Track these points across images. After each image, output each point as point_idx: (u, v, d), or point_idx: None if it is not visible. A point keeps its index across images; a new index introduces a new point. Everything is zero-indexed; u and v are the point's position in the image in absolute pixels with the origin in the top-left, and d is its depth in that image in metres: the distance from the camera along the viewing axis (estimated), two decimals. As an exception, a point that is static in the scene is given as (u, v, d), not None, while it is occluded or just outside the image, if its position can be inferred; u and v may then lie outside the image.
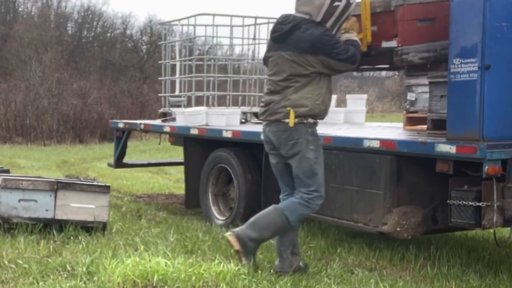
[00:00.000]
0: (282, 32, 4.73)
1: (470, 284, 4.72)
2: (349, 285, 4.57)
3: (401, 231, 5.01)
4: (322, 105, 4.73)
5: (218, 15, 8.44)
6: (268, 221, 4.77)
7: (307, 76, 4.66)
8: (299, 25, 4.66)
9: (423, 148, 4.82)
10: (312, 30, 4.63)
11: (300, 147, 4.69)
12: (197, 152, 7.59)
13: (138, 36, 40.15)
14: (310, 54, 4.61)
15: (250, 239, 4.74)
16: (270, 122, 4.80)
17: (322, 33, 4.64)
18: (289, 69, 4.68)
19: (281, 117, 4.71)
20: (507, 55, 4.60)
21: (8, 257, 5.02)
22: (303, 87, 4.66)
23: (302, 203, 4.73)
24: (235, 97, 9.13)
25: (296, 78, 4.67)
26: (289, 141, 4.70)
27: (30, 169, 13.76)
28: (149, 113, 25.27)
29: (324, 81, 4.74)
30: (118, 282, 4.25)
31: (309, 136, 4.72)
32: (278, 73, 4.76)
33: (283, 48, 4.71)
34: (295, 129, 4.68)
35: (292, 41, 4.66)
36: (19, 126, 24.77)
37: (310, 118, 4.70)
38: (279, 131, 4.74)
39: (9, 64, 30.38)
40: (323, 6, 4.65)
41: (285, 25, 4.72)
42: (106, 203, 6.22)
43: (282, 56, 4.72)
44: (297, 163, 4.71)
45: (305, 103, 4.66)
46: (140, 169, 13.04)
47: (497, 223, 4.53)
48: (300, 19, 4.69)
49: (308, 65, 4.63)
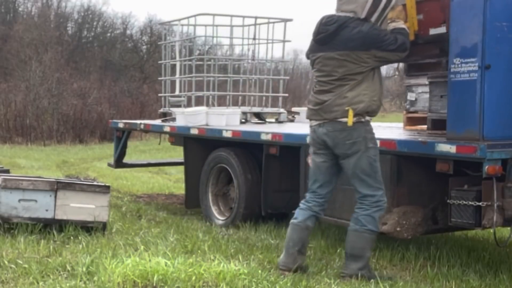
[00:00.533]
0: (327, 33, 4.71)
1: (470, 284, 4.71)
2: (349, 285, 4.57)
3: (401, 231, 5.01)
4: (378, 101, 4.75)
5: (218, 15, 8.44)
6: (361, 244, 4.74)
7: (361, 73, 4.65)
8: (346, 24, 4.65)
9: (423, 148, 4.82)
10: (359, 28, 4.62)
11: (359, 146, 4.66)
12: (197, 152, 7.58)
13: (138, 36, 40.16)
14: (362, 51, 4.61)
15: (361, 268, 4.73)
16: (324, 123, 4.75)
17: (370, 28, 4.64)
18: (342, 68, 4.66)
19: (338, 115, 4.66)
20: (507, 54, 4.60)
21: (8, 257, 5.01)
22: (358, 84, 4.65)
23: (374, 210, 4.70)
24: (235, 97, 9.13)
25: (350, 76, 4.65)
26: (347, 140, 4.66)
27: (30, 169, 13.76)
28: (149, 113, 25.29)
29: (377, 76, 4.75)
30: (118, 282, 4.25)
31: (368, 134, 4.71)
32: (329, 74, 4.72)
33: (331, 49, 4.69)
34: (354, 128, 4.65)
35: (341, 41, 4.65)
36: (19, 126, 24.78)
37: (367, 115, 4.70)
38: (335, 130, 4.69)
39: (9, 64, 30.38)
40: (367, 3, 4.65)
41: (330, 25, 4.70)
42: (106, 203, 6.22)
43: (331, 57, 4.70)
44: (356, 162, 4.67)
45: (363, 99, 4.64)
46: (140, 169, 13.05)
47: (497, 223, 4.53)
48: (345, 18, 4.68)
49: (361, 62, 4.63)
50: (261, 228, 6.56)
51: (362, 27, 4.63)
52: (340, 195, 5.48)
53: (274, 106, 9.27)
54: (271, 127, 7.57)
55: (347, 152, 4.68)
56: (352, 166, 4.70)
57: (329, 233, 6.41)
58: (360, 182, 4.71)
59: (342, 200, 5.45)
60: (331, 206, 5.57)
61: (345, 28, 4.64)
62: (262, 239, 6.11)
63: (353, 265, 4.75)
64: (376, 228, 4.73)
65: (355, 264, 4.74)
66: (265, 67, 9.10)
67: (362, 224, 4.71)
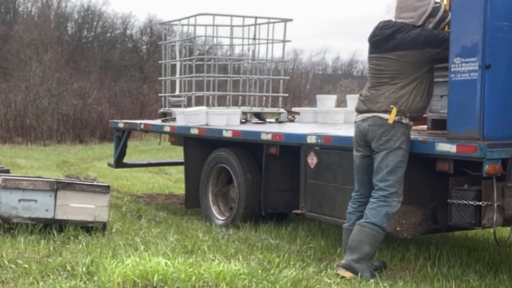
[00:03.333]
0: (383, 36, 4.90)
1: (470, 284, 4.71)
2: (349, 285, 4.56)
3: (401, 230, 5.01)
4: (423, 105, 4.89)
5: (218, 15, 8.44)
6: (360, 237, 4.81)
7: (413, 74, 4.80)
8: (402, 29, 4.83)
9: (423, 147, 4.82)
10: (413, 30, 4.80)
11: (393, 144, 4.77)
12: (197, 152, 7.58)
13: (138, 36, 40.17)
14: (416, 50, 4.76)
15: (355, 261, 4.78)
16: (367, 118, 4.88)
17: (422, 29, 4.82)
18: (395, 68, 4.82)
19: (382, 107, 4.81)
20: (508, 54, 4.59)
21: (8, 257, 5.01)
22: (408, 85, 4.80)
23: (381, 204, 4.77)
24: (235, 97, 9.13)
25: (401, 75, 4.80)
26: (383, 136, 4.79)
27: (30, 169, 13.76)
28: (149, 113, 25.28)
29: (428, 80, 4.89)
30: (118, 282, 4.25)
31: (404, 136, 4.81)
32: (381, 73, 4.88)
33: (385, 50, 4.86)
34: (393, 126, 4.77)
35: (395, 43, 4.81)
36: (19, 126, 24.77)
37: (409, 117, 4.81)
38: (375, 125, 4.83)
39: (9, 64, 30.38)
40: (425, 13, 4.86)
41: (387, 29, 4.90)
42: (106, 203, 6.21)
43: (385, 57, 4.85)
44: (384, 156, 4.78)
45: (409, 100, 4.79)
46: (140, 169, 13.05)
47: (497, 223, 4.53)
48: (402, 24, 4.88)
49: (416, 62, 4.78)
50: (261, 228, 6.55)
51: (416, 30, 4.82)
52: (340, 194, 5.48)
53: (274, 106, 9.27)
54: (271, 127, 7.57)
55: (380, 147, 4.81)
56: (379, 160, 4.80)
57: (329, 233, 6.41)
58: (379, 177, 4.79)
59: (342, 200, 5.45)
60: (331, 206, 5.58)
61: (400, 32, 4.83)
62: (262, 239, 6.11)
63: (348, 256, 4.82)
64: (381, 223, 4.75)
65: (350, 256, 4.81)
66: (265, 67, 9.09)
67: (367, 217, 4.79)
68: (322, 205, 5.72)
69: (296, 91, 37.27)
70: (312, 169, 5.79)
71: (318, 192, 5.75)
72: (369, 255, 4.82)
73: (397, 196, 4.78)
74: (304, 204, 5.89)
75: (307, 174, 5.84)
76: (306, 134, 5.89)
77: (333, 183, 5.53)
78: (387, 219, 4.79)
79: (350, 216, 5.06)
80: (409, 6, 4.91)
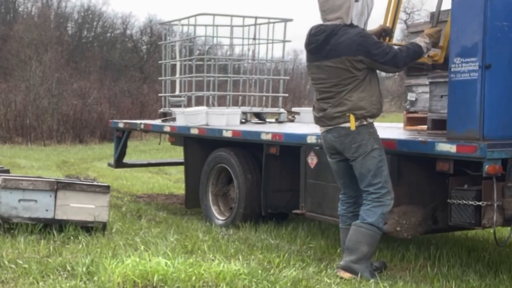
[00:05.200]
0: (317, 43, 4.78)
1: (470, 284, 4.71)
2: (349, 285, 4.56)
3: (401, 230, 5.01)
4: (378, 104, 4.79)
5: (218, 15, 8.44)
6: (356, 237, 4.78)
7: (356, 78, 4.68)
8: (334, 32, 4.70)
9: (423, 148, 4.82)
10: (348, 33, 4.66)
11: (364, 148, 4.72)
12: (197, 152, 7.58)
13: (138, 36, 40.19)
14: (350, 56, 4.63)
15: (353, 261, 4.76)
16: (330, 129, 4.82)
17: (357, 33, 4.66)
18: (336, 75, 4.71)
19: (340, 121, 4.74)
20: (508, 54, 4.59)
21: (8, 257, 5.01)
22: (355, 89, 4.69)
23: (375, 205, 4.74)
24: (235, 97, 9.13)
25: (345, 82, 4.69)
26: (352, 144, 4.73)
27: (30, 169, 13.76)
28: (149, 113, 25.29)
29: (374, 79, 4.79)
30: (118, 282, 4.25)
31: (372, 136, 4.76)
32: (325, 81, 4.78)
33: (323, 58, 4.75)
34: (357, 132, 4.71)
35: (331, 49, 4.70)
36: (19, 126, 24.78)
37: (369, 118, 4.75)
38: (340, 136, 4.77)
39: (9, 64, 30.40)
40: (350, 8, 4.74)
41: (319, 35, 4.76)
42: (106, 203, 6.21)
43: (325, 66, 4.75)
44: (361, 162, 4.74)
45: (363, 105, 4.70)
46: (140, 169, 13.05)
47: (497, 223, 4.53)
48: (332, 26, 4.73)
49: (353, 68, 4.66)
50: (261, 228, 6.55)
51: (350, 31, 4.67)
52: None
53: (274, 106, 9.27)
54: (271, 127, 7.57)
55: (354, 155, 4.75)
56: (359, 167, 4.76)
57: (329, 233, 6.41)
58: (366, 182, 4.75)
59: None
60: (331, 206, 5.57)
61: (333, 36, 4.69)
62: (262, 239, 6.11)
63: (346, 257, 4.81)
64: (377, 223, 4.72)
65: (348, 257, 4.79)
66: (265, 67, 9.10)
67: (362, 218, 4.77)
68: (322, 205, 5.72)
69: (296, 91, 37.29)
70: (312, 169, 5.79)
71: (318, 192, 5.75)
72: (367, 255, 4.81)
73: (389, 194, 4.76)
74: (304, 204, 5.89)
75: (307, 174, 5.84)
76: (306, 134, 5.89)
77: (333, 183, 5.52)
78: (383, 218, 4.78)
79: (342, 217, 5.06)
80: (331, 6, 4.74)
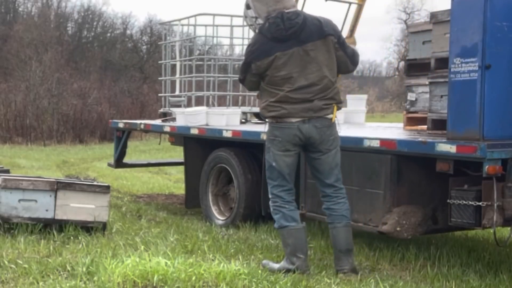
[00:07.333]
0: (298, 26, 4.64)
1: (470, 284, 4.71)
2: (349, 285, 4.56)
3: (401, 230, 5.01)
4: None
5: (218, 15, 8.45)
6: (351, 238, 4.88)
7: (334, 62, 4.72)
8: (305, 15, 4.71)
9: (423, 148, 4.82)
10: (313, 17, 4.71)
11: (338, 142, 4.83)
12: (197, 152, 7.58)
13: (138, 36, 40.22)
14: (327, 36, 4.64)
15: (353, 261, 4.90)
16: (311, 118, 4.70)
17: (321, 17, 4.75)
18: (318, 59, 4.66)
19: (328, 112, 4.74)
20: (508, 54, 4.59)
21: (8, 257, 5.00)
22: (335, 79, 4.75)
23: (346, 201, 4.89)
24: (235, 97, 9.13)
25: (328, 67, 4.69)
26: (330, 136, 4.77)
27: (30, 169, 13.76)
28: (149, 113, 25.29)
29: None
30: (118, 282, 4.25)
31: (337, 129, 4.85)
32: (306, 69, 4.65)
33: (300, 43, 4.64)
34: (333, 124, 4.78)
35: (308, 33, 4.64)
36: (19, 126, 24.77)
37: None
38: (323, 127, 4.73)
39: (9, 64, 30.41)
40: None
41: (296, 19, 4.66)
42: (106, 203, 6.21)
43: (306, 50, 4.64)
44: (334, 156, 4.79)
45: (340, 97, 4.80)
46: (140, 169, 13.05)
47: (497, 223, 4.53)
48: (299, 11, 4.79)
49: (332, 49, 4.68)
50: (261, 228, 6.55)
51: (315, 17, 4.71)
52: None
53: (274, 106, 9.26)
54: (271, 127, 7.55)
55: (330, 148, 4.78)
56: (331, 160, 4.79)
57: (329, 233, 6.39)
58: (333, 176, 4.82)
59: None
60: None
61: (307, 19, 4.68)
62: (262, 239, 6.11)
63: (350, 259, 4.84)
64: None
65: (351, 258, 4.85)
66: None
67: (348, 218, 4.87)
68: (322, 205, 5.72)
69: (296, 91, 37.21)
70: (312, 169, 5.79)
71: (318, 192, 5.74)
72: None
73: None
74: (304, 204, 5.89)
75: (307, 174, 5.84)
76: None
77: (333, 183, 5.52)
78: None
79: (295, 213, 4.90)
80: None
